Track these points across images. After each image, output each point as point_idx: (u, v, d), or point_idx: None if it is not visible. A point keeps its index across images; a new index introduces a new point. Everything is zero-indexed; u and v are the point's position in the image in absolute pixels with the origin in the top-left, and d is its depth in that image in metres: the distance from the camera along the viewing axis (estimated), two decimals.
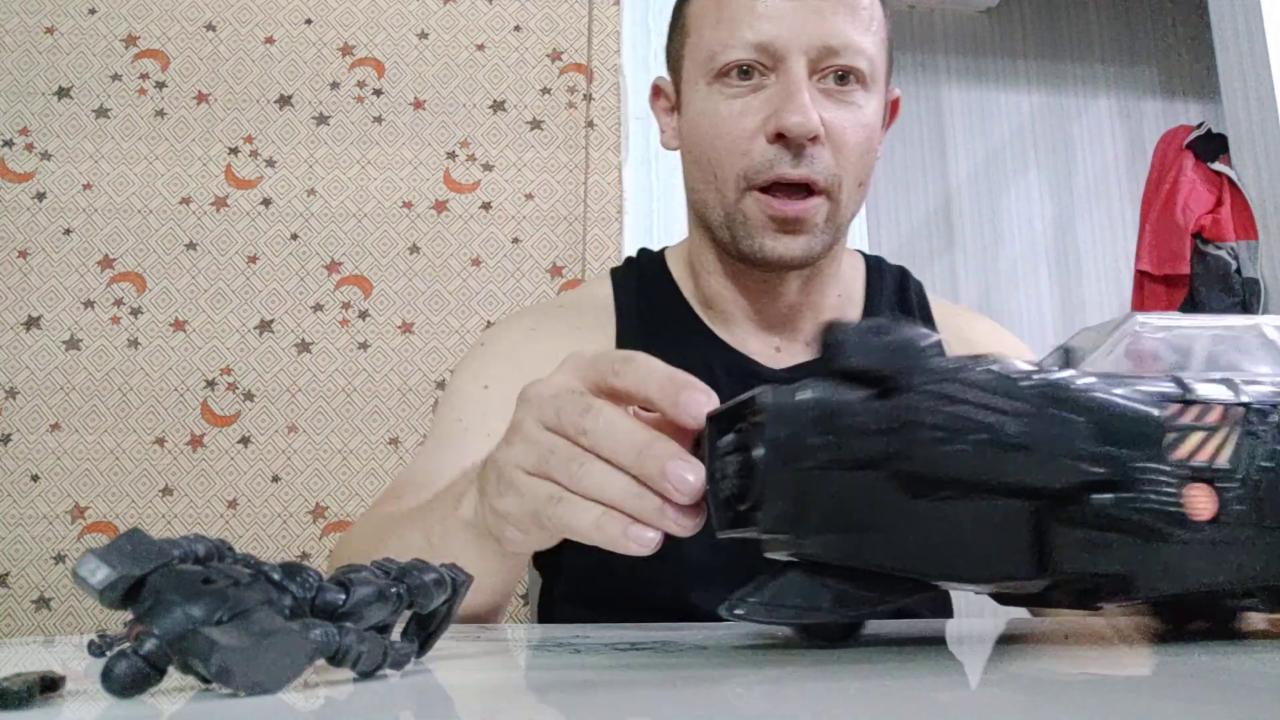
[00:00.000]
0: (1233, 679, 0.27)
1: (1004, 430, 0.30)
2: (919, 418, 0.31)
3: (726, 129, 0.71)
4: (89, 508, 1.29)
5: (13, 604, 1.26)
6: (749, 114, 0.70)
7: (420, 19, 1.49)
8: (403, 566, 0.32)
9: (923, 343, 0.31)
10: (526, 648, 0.40)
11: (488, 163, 1.45)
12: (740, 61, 0.70)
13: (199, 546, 0.28)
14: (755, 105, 0.70)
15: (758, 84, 0.70)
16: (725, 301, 0.79)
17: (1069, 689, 0.26)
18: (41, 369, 1.33)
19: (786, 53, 0.69)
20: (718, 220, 0.74)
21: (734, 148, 0.70)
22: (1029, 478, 0.31)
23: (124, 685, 0.23)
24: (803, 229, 0.71)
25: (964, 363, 0.32)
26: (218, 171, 1.41)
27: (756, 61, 0.70)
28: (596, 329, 0.79)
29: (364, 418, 1.35)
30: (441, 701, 0.26)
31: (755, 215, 0.71)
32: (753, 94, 0.70)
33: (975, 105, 3.28)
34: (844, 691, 0.26)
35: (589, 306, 0.82)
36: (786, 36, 0.69)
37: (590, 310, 0.81)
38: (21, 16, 1.43)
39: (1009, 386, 0.31)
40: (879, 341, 0.31)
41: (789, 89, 0.68)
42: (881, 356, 0.31)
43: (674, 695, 0.26)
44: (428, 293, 1.40)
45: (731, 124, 0.70)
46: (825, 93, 0.70)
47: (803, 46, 0.69)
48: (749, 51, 0.69)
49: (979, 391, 0.31)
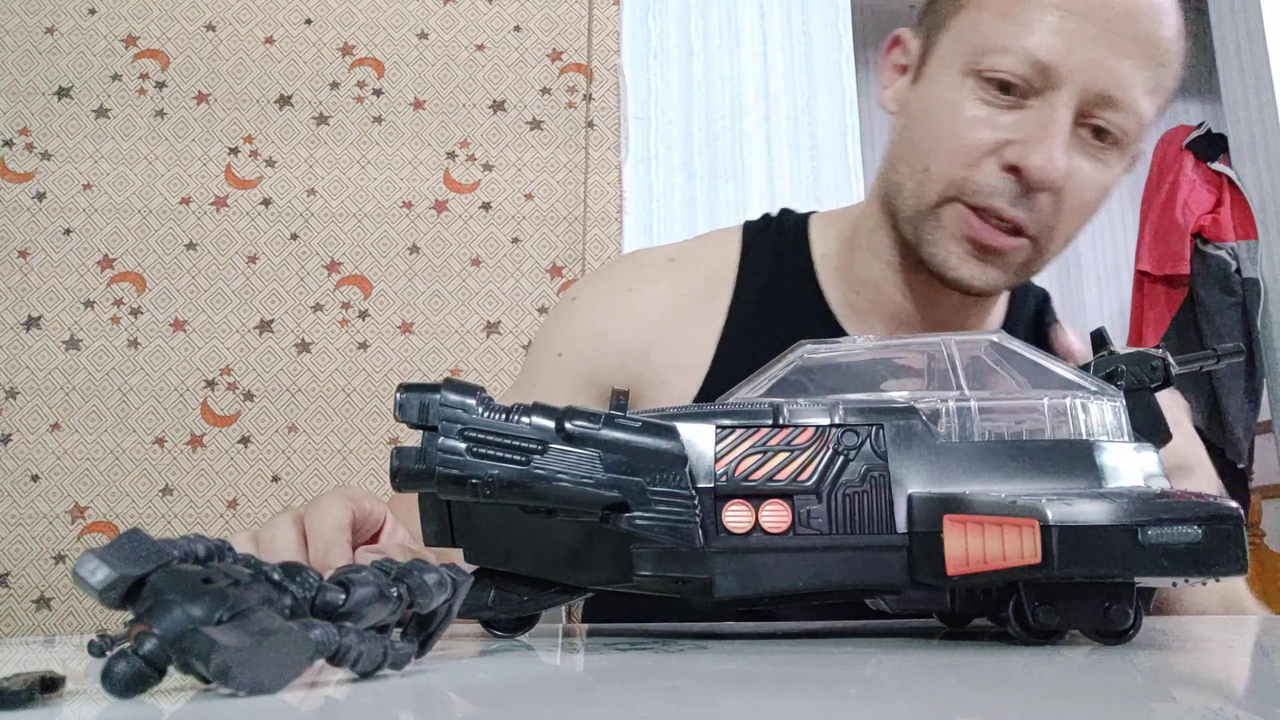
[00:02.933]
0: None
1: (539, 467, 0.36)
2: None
3: (963, 132, 0.63)
4: (89, 508, 1.29)
5: (13, 604, 1.26)
6: (993, 128, 0.62)
7: (420, 19, 1.49)
8: (403, 566, 0.32)
9: None
10: (527, 648, 0.40)
11: (488, 163, 1.45)
12: (1009, 72, 0.61)
13: (199, 546, 0.28)
14: (1003, 122, 0.62)
15: (1015, 102, 0.62)
16: (879, 293, 0.72)
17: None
18: (41, 369, 1.33)
19: (1061, 83, 0.60)
20: (907, 213, 0.66)
21: (961, 156, 0.63)
22: (570, 502, 0.36)
23: (124, 685, 0.23)
24: (997, 263, 0.64)
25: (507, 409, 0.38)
26: (218, 171, 1.41)
27: (1025, 78, 0.61)
28: (707, 299, 0.72)
29: (364, 418, 1.35)
30: (441, 701, 0.26)
31: (952, 226, 0.64)
32: (1006, 110, 0.62)
33: None
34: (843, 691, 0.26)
35: (707, 267, 0.74)
36: (1071, 65, 0.60)
37: (706, 274, 0.74)
38: (21, 16, 1.43)
39: (548, 435, 0.37)
40: None
41: (1047, 126, 0.60)
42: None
43: (674, 695, 0.26)
44: (428, 293, 1.40)
45: (970, 131, 0.62)
46: (1079, 141, 0.62)
47: (1081, 83, 0.60)
48: (1024, 66, 0.60)
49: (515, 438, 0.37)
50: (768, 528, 0.36)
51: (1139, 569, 0.33)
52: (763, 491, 0.36)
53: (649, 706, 0.24)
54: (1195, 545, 0.33)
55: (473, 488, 0.36)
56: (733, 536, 0.36)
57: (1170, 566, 0.33)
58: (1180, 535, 0.33)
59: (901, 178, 0.67)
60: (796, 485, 0.36)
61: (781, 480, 0.36)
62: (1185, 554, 0.33)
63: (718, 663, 0.32)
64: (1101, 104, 0.61)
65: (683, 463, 0.36)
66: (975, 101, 0.62)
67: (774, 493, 0.36)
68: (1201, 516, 0.33)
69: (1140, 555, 0.33)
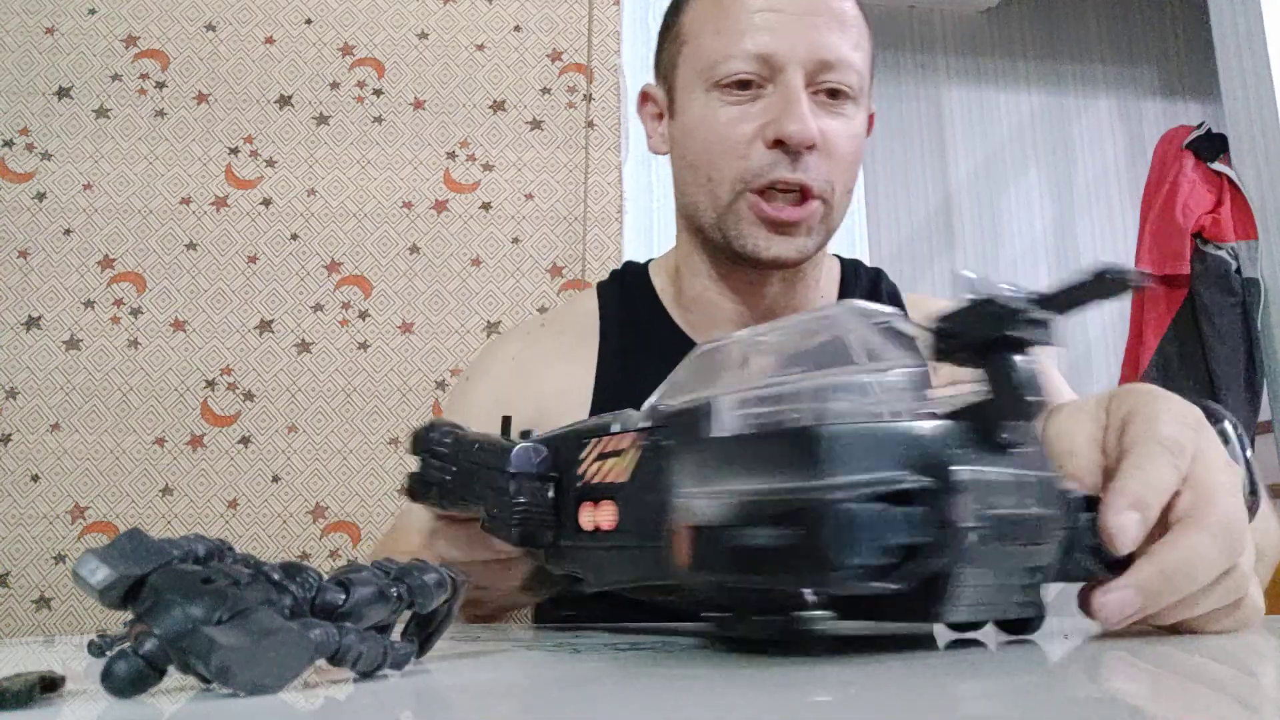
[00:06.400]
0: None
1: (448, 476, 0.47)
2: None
3: (725, 134, 0.73)
4: (89, 508, 1.29)
5: (13, 604, 1.26)
6: (747, 120, 0.73)
7: (420, 19, 1.49)
8: (403, 566, 0.32)
9: None
10: (526, 648, 0.40)
11: (488, 163, 1.45)
12: (741, 74, 0.72)
13: (199, 546, 0.28)
14: (753, 113, 0.73)
15: (755, 94, 0.73)
16: (708, 304, 0.81)
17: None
18: (41, 369, 1.33)
19: (785, 64, 0.72)
20: (710, 221, 0.76)
21: (732, 152, 0.73)
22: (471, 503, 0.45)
23: (124, 685, 0.23)
24: (797, 231, 0.74)
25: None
26: (218, 171, 1.41)
27: (756, 74, 0.72)
28: (580, 345, 0.83)
29: (364, 418, 1.35)
30: (441, 701, 0.26)
31: (749, 215, 0.73)
32: (751, 102, 0.73)
33: (975, 105, 3.28)
34: (843, 692, 0.26)
35: (573, 322, 0.86)
36: (785, 49, 0.71)
37: (574, 327, 0.85)
38: (21, 16, 1.43)
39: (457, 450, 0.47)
40: None
41: (788, 98, 0.71)
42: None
43: (674, 695, 0.26)
44: (428, 293, 1.40)
45: (730, 129, 0.73)
46: (819, 104, 0.73)
47: (800, 59, 0.72)
48: (749, 63, 0.72)
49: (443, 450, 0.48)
50: (603, 526, 0.38)
51: (728, 571, 0.31)
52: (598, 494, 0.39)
53: (649, 706, 0.24)
54: (769, 549, 0.29)
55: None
56: (583, 535, 0.39)
57: (755, 571, 0.30)
58: (754, 537, 0.30)
59: (694, 196, 0.77)
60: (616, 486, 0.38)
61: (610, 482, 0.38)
62: (766, 557, 0.29)
63: (717, 663, 0.32)
64: (823, 69, 0.72)
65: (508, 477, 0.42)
66: (725, 107, 0.73)
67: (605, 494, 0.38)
68: (773, 516, 0.29)
69: (734, 558, 0.30)
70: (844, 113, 0.74)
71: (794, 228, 0.73)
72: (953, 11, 3.31)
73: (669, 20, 0.82)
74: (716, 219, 0.75)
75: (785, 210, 0.72)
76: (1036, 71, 3.33)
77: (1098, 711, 0.24)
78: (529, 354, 0.84)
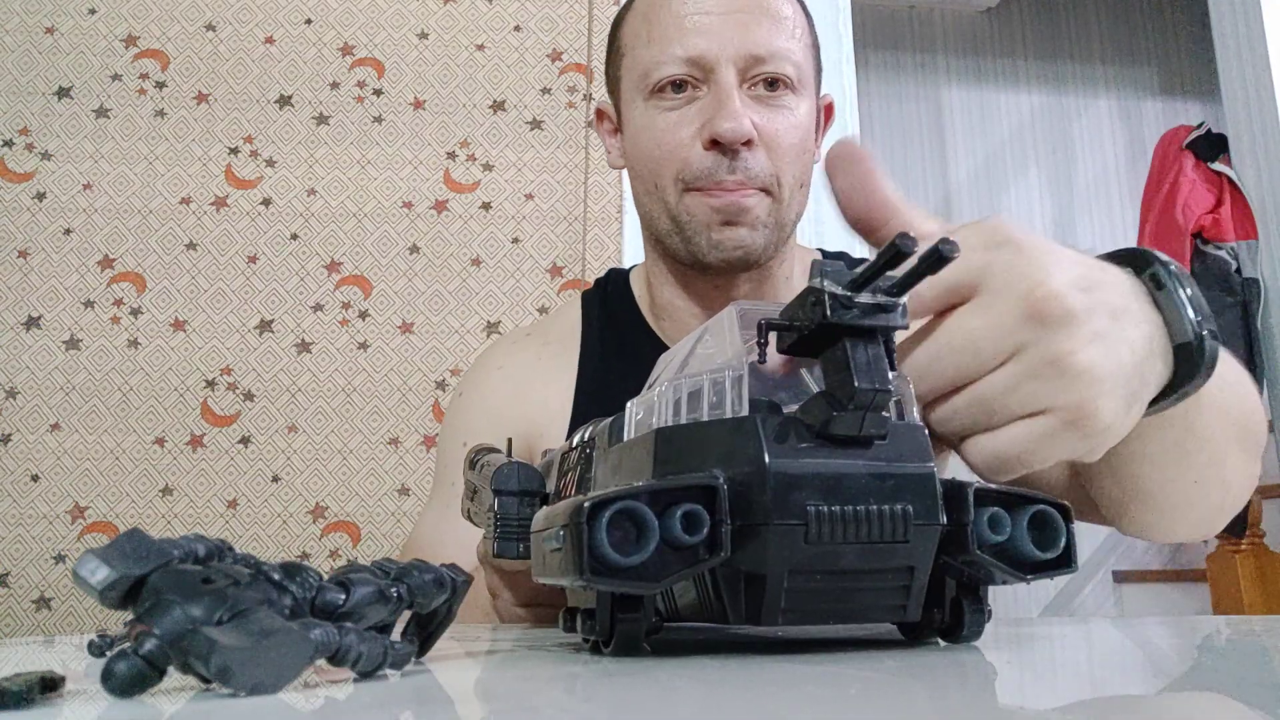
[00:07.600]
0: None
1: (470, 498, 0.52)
2: None
3: (664, 139, 0.74)
4: (89, 508, 1.29)
5: (13, 604, 1.26)
6: (684, 124, 0.73)
7: (420, 19, 1.49)
8: (402, 566, 0.32)
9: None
10: (526, 648, 0.40)
11: (488, 163, 1.45)
12: (673, 76, 0.73)
13: (199, 546, 0.28)
14: (690, 115, 0.73)
15: (691, 96, 0.74)
16: (678, 311, 0.82)
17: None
18: (41, 369, 1.33)
19: (716, 64, 0.72)
20: (665, 227, 0.77)
21: (672, 155, 0.74)
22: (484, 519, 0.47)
23: (124, 685, 0.23)
24: (744, 220, 0.73)
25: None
26: (218, 171, 1.41)
27: (688, 75, 0.73)
28: (562, 353, 0.85)
29: (364, 418, 1.35)
30: (441, 701, 0.26)
31: (698, 210, 0.74)
32: (687, 105, 0.74)
33: (975, 105, 3.28)
34: (843, 691, 0.26)
35: (557, 331, 0.88)
36: (715, 49, 0.72)
37: (558, 335, 0.87)
38: (21, 16, 1.43)
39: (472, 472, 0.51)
40: None
41: (720, 97, 0.72)
42: None
43: (674, 695, 0.26)
44: (428, 293, 1.40)
45: (668, 134, 0.74)
46: (756, 99, 0.73)
47: (730, 57, 0.72)
48: (680, 66, 0.73)
49: None
50: None
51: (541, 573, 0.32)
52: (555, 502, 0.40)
53: (649, 706, 0.24)
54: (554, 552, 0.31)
55: None
56: None
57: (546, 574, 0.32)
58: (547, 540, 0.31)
59: (648, 205, 0.78)
60: (569, 495, 0.39)
61: (564, 493, 0.41)
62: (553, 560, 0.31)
63: (717, 664, 0.32)
64: (754, 63, 0.72)
65: (496, 493, 0.44)
66: (662, 113, 0.74)
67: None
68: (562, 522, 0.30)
69: (540, 561, 0.32)
70: (784, 104, 0.74)
71: (741, 214, 0.73)
72: (953, 11, 3.31)
73: (610, 36, 0.83)
74: (672, 223, 0.76)
75: (729, 195, 0.72)
76: (1037, 71, 3.33)
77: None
78: (516, 365, 0.86)
